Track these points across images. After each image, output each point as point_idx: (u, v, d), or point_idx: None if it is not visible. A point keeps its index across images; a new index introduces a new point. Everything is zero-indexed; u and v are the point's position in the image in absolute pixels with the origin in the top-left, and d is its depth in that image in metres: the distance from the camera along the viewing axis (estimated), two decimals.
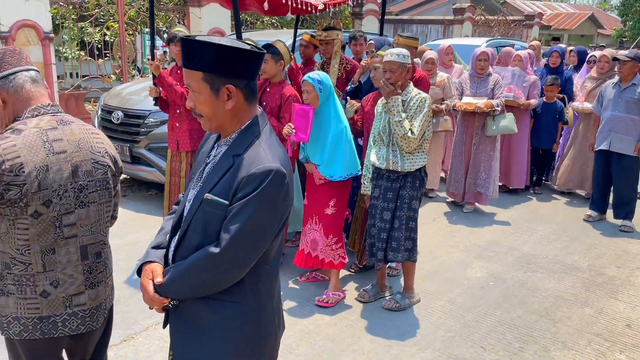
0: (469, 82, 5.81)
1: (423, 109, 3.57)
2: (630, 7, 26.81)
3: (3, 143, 1.73)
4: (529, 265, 4.72)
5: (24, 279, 1.85)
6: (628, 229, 5.58)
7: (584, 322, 3.82)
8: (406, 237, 3.72)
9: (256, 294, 1.68)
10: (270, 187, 1.55)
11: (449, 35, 15.13)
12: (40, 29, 7.13)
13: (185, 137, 4.59)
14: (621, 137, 5.46)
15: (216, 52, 1.55)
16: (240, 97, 1.62)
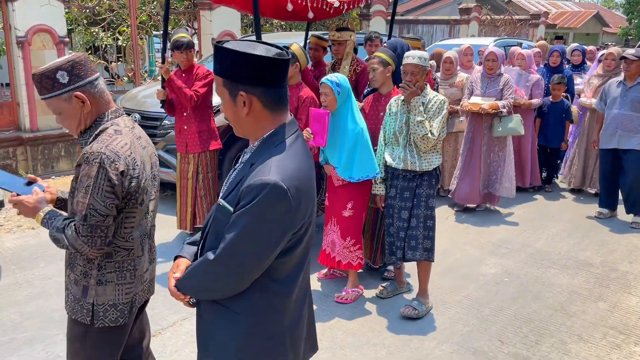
0: (479, 82, 5.82)
1: (442, 111, 3.65)
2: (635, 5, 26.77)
3: (117, 143, 1.94)
4: (542, 261, 4.79)
5: (125, 264, 2.05)
6: (638, 225, 5.63)
7: (598, 315, 3.89)
8: (424, 235, 3.76)
9: (261, 310, 1.65)
10: (265, 201, 1.50)
11: (455, 35, 15.17)
12: (55, 34, 7.24)
13: (195, 138, 4.68)
14: (628, 135, 5.52)
15: (230, 58, 1.55)
16: (257, 105, 1.59)
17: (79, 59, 1.96)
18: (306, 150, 1.68)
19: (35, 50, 7.10)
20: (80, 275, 2.02)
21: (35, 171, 7.22)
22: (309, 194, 1.62)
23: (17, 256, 4.62)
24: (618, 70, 6.23)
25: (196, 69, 4.73)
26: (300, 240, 1.64)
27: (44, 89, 1.94)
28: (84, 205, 1.87)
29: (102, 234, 1.90)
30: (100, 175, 1.87)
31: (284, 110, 1.64)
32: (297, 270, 1.69)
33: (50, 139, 7.36)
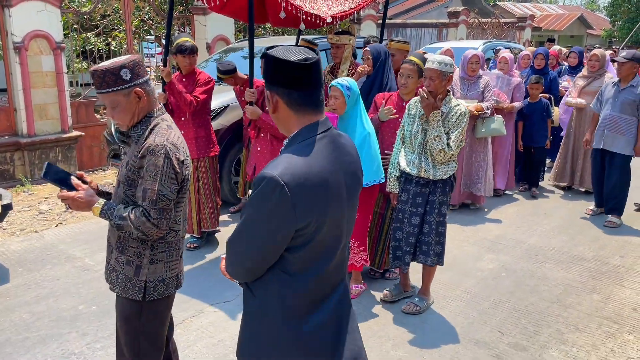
0: (459, 84, 5.84)
1: (462, 124, 3.55)
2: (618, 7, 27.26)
3: (173, 135, 2.20)
4: (537, 256, 4.94)
5: (173, 244, 2.32)
6: (611, 224, 5.71)
7: (593, 307, 4.04)
8: (436, 241, 3.77)
9: (271, 298, 1.71)
10: (260, 194, 1.57)
11: (443, 38, 15.39)
12: (52, 39, 7.29)
13: (192, 144, 4.67)
14: (613, 136, 5.62)
15: (264, 61, 1.76)
16: (282, 105, 1.68)
17: (138, 59, 2.18)
18: (334, 150, 1.70)
19: (33, 56, 7.15)
20: (134, 255, 2.25)
21: (33, 176, 7.26)
22: (321, 194, 1.62)
23: (23, 259, 4.67)
24: (602, 72, 6.41)
25: (198, 74, 4.73)
26: (310, 240, 1.64)
27: (106, 84, 2.12)
28: (154, 191, 2.12)
29: (168, 216, 2.16)
30: (166, 164, 2.13)
31: (312, 112, 1.69)
32: (313, 267, 1.69)
33: (48, 144, 7.41)
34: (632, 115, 5.54)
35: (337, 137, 1.74)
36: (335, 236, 1.73)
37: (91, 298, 3.99)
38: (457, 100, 3.66)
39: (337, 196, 1.68)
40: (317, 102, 1.70)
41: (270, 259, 1.66)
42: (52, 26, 7.30)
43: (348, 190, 1.74)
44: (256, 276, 1.71)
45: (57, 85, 7.47)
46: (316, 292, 1.73)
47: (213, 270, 4.49)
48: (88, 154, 8.22)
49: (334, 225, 1.70)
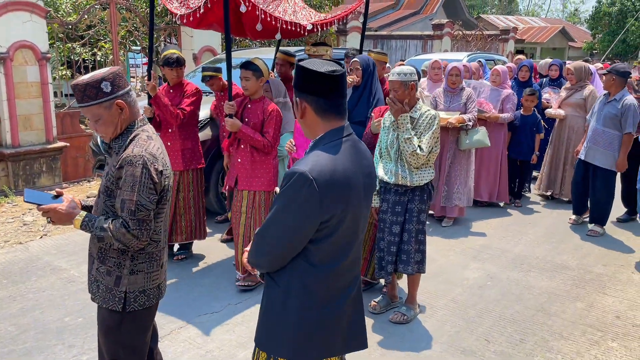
0: (442, 97, 5.85)
1: (432, 126, 3.65)
2: (599, 20, 27.81)
3: (152, 146, 2.21)
4: (522, 265, 5.00)
5: (154, 255, 2.32)
6: (594, 234, 5.79)
7: (577, 315, 4.10)
8: (416, 249, 3.80)
9: (294, 287, 1.86)
10: (291, 188, 1.75)
11: (428, 50, 15.58)
12: (37, 50, 7.25)
13: (178, 156, 4.66)
14: (596, 149, 5.64)
15: (295, 71, 1.89)
16: (309, 111, 1.86)
17: (118, 71, 2.20)
18: (354, 153, 1.87)
19: (17, 66, 7.10)
20: (114, 266, 2.25)
21: (17, 187, 7.18)
22: (344, 190, 1.79)
23: (7, 270, 4.62)
24: (583, 84, 6.51)
25: (185, 86, 4.72)
26: (332, 232, 1.81)
27: (87, 97, 2.15)
28: (132, 202, 2.13)
29: (148, 227, 2.16)
30: (144, 174, 2.13)
31: (336, 118, 1.87)
32: (332, 259, 1.87)
33: (32, 155, 7.34)
34: (616, 129, 5.53)
35: (357, 142, 1.93)
36: (353, 231, 1.91)
37: (77, 310, 3.96)
38: (427, 106, 3.77)
39: (356, 194, 1.87)
40: (342, 109, 1.89)
41: (296, 248, 1.82)
42: (38, 37, 7.26)
43: (365, 190, 1.92)
44: (280, 266, 1.87)
45: (42, 96, 7.42)
46: (336, 282, 1.91)
47: (200, 281, 4.49)
48: (73, 164, 8.15)
49: (353, 221, 1.88)
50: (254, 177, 4.21)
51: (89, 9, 8.49)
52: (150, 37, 4.77)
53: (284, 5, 4.86)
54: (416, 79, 3.70)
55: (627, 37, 25.57)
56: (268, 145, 4.09)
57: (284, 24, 4.46)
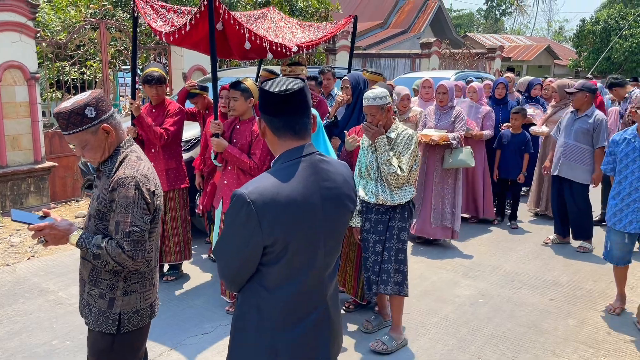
0: (432, 115, 5.84)
1: (410, 146, 3.63)
2: (584, 38, 28.28)
3: (143, 167, 2.21)
4: (513, 282, 5.01)
5: (146, 274, 2.31)
6: (584, 250, 5.81)
7: (569, 331, 4.10)
8: (395, 269, 3.71)
9: (247, 307, 1.82)
10: (231, 210, 1.74)
11: (417, 68, 15.74)
12: (26, 70, 7.24)
13: (162, 176, 4.58)
14: (569, 164, 5.65)
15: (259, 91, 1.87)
16: (267, 130, 1.85)
17: (100, 95, 2.18)
18: (311, 174, 1.78)
19: (6, 86, 7.08)
20: (107, 288, 2.23)
21: (4, 208, 7.11)
22: (288, 213, 1.71)
23: None
24: (567, 102, 6.57)
25: (167, 105, 4.66)
26: (282, 256, 1.73)
27: (72, 125, 2.13)
28: (126, 223, 2.12)
29: (143, 247, 2.15)
30: (137, 195, 2.14)
31: (293, 138, 1.82)
32: (288, 283, 1.78)
33: (19, 175, 7.29)
34: (588, 144, 5.57)
35: (319, 162, 1.83)
36: (308, 258, 1.80)
37: (65, 333, 3.90)
38: (404, 126, 3.75)
39: (309, 219, 1.76)
40: (298, 128, 1.82)
41: (246, 269, 1.78)
42: (27, 57, 7.26)
43: (325, 215, 1.80)
44: (239, 286, 1.84)
45: (31, 116, 7.39)
46: (292, 308, 1.81)
47: (191, 302, 4.44)
48: (61, 184, 8.09)
49: (306, 247, 1.78)
50: None
51: (79, 28, 8.51)
52: (134, 56, 4.71)
53: (267, 24, 4.88)
54: (390, 101, 3.64)
55: (611, 55, 26.02)
56: (255, 168, 3.98)
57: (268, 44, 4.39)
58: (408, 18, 24.72)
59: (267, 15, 5.05)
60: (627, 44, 25.88)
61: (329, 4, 13.81)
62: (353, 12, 25.15)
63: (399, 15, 25.24)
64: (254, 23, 4.81)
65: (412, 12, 24.91)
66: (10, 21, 7.00)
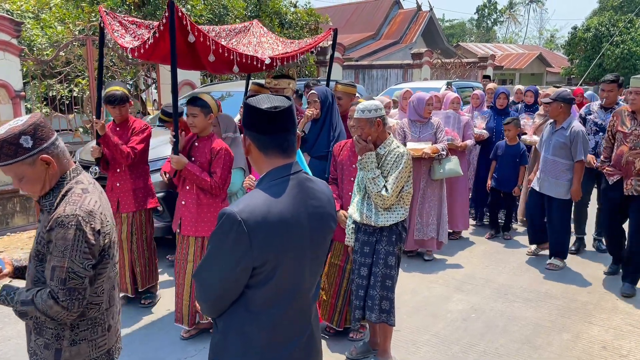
0: (409, 127, 5.67)
1: (399, 165, 3.40)
2: (575, 46, 28.42)
3: (88, 202, 1.94)
4: (506, 295, 4.90)
5: (97, 319, 2.04)
6: (554, 267, 5.54)
7: (563, 346, 3.99)
8: (382, 296, 3.50)
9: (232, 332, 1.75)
10: (220, 229, 1.65)
11: (409, 78, 15.73)
12: (11, 88, 7.17)
13: (129, 196, 4.43)
14: (549, 180, 5.40)
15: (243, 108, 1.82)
16: (253, 148, 1.80)
17: (40, 120, 1.92)
18: (299, 192, 1.75)
19: None
20: (52, 338, 1.97)
21: None
22: (279, 233, 1.67)
23: None
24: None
25: (132, 123, 4.49)
26: (270, 277, 1.68)
27: (5, 156, 1.86)
28: (63, 269, 1.85)
29: (80, 296, 1.90)
30: (78, 237, 1.86)
31: (280, 156, 1.78)
32: (274, 306, 1.73)
33: (5, 195, 7.17)
34: (567, 158, 5.29)
35: (305, 180, 1.81)
36: (296, 277, 1.76)
37: None
38: (397, 143, 3.52)
39: (298, 238, 1.74)
40: (286, 146, 1.79)
41: (230, 293, 1.71)
42: (11, 75, 7.19)
43: (312, 234, 1.78)
44: (220, 311, 1.75)
45: None
46: (278, 331, 1.77)
47: (174, 325, 4.29)
48: None
49: (294, 267, 1.74)
50: (200, 221, 3.85)
51: (65, 45, 8.44)
52: (100, 73, 4.44)
53: (248, 38, 4.76)
54: (383, 114, 3.43)
55: (603, 62, 26.14)
56: (216, 187, 3.77)
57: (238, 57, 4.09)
58: (400, 29, 24.82)
59: (249, 30, 4.93)
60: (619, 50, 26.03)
61: (319, 17, 13.79)
62: (344, 24, 25.29)
63: (390, 26, 25.34)
64: (234, 37, 4.68)
65: (403, 23, 25.03)
66: None
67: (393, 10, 25.71)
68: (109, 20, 4.10)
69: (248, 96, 5.55)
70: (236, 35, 4.71)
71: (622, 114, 4.93)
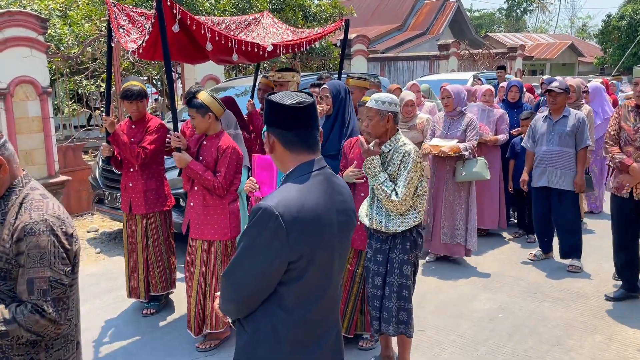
0: (441, 122, 5.38)
1: (407, 165, 3.14)
2: (608, 34, 27.62)
3: (52, 206, 1.81)
4: (536, 294, 4.75)
5: (69, 336, 1.90)
6: (576, 269, 5.28)
7: (595, 348, 3.84)
8: (399, 307, 3.29)
9: (263, 332, 1.71)
10: (255, 225, 1.63)
11: (435, 70, 15.49)
12: (38, 84, 7.23)
13: (140, 198, 4.29)
14: (558, 172, 5.18)
15: (265, 105, 1.80)
16: (278, 145, 1.78)
17: None
18: (327, 187, 1.75)
19: (18, 102, 7.08)
20: None
21: None
22: (314, 227, 1.66)
23: None
24: (579, 103, 6.16)
25: (148, 121, 4.31)
26: (304, 273, 1.67)
27: None
28: (44, 279, 1.72)
29: (65, 306, 1.77)
30: (53, 243, 1.74)
31: (306, 151, 1.77)
32: (306, 302, 1.72)
33: None
34: (574, 148, 5.15)
35: (331, 176, 1.81)
36: (326, 273, 1.76)
37: None
38: (405, 139, 3.27)
39: (329, 232, 1.73)
40: (312, 142, 1.78)
41: (264, 291, 1.68)
42: (38, 71, 7.25)
43: (340, 228, 1.78)
44: (249, 311, 1.72)
45: (44, 131, 7.37)
46: (311, 327, 1.75)
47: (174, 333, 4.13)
48: (76, 198, 8.07)
49: (325, 261, 1.74)
50: (206, 224, 3.72)
51: (91, 41, 8.51)
52: (108, 68, 4.36)
53: (258, 31, 4.62)
54: (396, 110, 3.19)
55: (638, 50, 25.31)
56: (219, 187, 3.61)
57: (237, 44, 3.87)
58: (426, 20, 24.44)
59: (259, 21, 4.78)
60: None
61: (343, 9, 13.64)
62: (370, 15, 25.05)
63: (417, 17, 24.97)
64: (244, 30, 4.57)
65: (430, 14, 24.63)
66: (21, 36, 6.99)
67: (419, 1, 25.31)
68: (115, 13, 3.93)
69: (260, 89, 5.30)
70: (246, 27, 4.60)
71: (626, 109, 4.51)
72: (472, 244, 5.37)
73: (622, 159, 4.38)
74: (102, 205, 6.33)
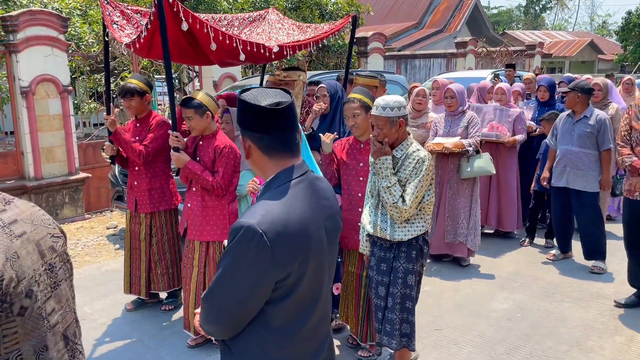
0: (442, 122, 5.32)
1: (420, 172, 3.01)
2: (629, 32, 27.16)
3: None
4: (554, 294, 4.71)
5: None
6: (599, 271, 5.19)
7: (616, 350, 3.79)
8: (402, 319, 3.15)
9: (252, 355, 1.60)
10: (237, 245, 1.49)
11: (452, 68, 15.39)
12: (59, 83, 7.34)
13: (145, 197, 4.28)
14: (576, 173, 5.12)
15: (237, 105, 1.65)
16: (254, 150, 1.63)
17: None
18: (312, 194, 1.63)
19: (39, 100, 7.19)
20: None
21: None
22: (301, 242, 1.54)
23: None
24: (606, 102, 6.07)
25: (151, 118, 4.26)
26: (292, 291, 1.55)
27: None
28: None
29: None
30: None
31: (287, 156, 1.63)
32: (296, 320, 1.60)
33: (54, 187, 7.39)
34: (593, 149, 5.06)
35: (315, 180, 1.68)
36: (317, 286, 1.64)
37: (89, 349, 3.84)
38: (417, 145, 3.14)
39: (318, 241, 1.60)
40: (292, 145, 1.64)
41: (250, 313, 1.55)
42: (59, 70, 7.36)
43: (328, 236, 1.67)
44: (235, 333, 1.59)
45: (64, 128, 7.49)
46: (303, 345, 1.64)
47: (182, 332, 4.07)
48: (96, 195, 8.18)
49: (316, 274, 1.61)
50: (205, 224, 3.68)
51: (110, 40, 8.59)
52: (106, 65, 4.29)
53: (263, 27, 4.53)
54: (405, 113, 3.06)
55: None
56: (217, 187, 3.57)
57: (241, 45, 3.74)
58: (443, 17, 24.31)
59: (264, 18, 4.70)
60: None
61: (360, 6, 13.61)
62: (386, 13, 24.98)
63: (434, 14, 24.85)
64: (247, 26, 4.48)
65: (447, 11, 24.50)
66: (42, 35, 7.11)
67: None
68: (108, 10, 3.89)
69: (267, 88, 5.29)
70: (250, 24, 4.52)
71: (637, 108, 4.41)
72: (474, 244, 5.28)
73: (632, 161, 4.32)
74: (121, 202, 6.41)
